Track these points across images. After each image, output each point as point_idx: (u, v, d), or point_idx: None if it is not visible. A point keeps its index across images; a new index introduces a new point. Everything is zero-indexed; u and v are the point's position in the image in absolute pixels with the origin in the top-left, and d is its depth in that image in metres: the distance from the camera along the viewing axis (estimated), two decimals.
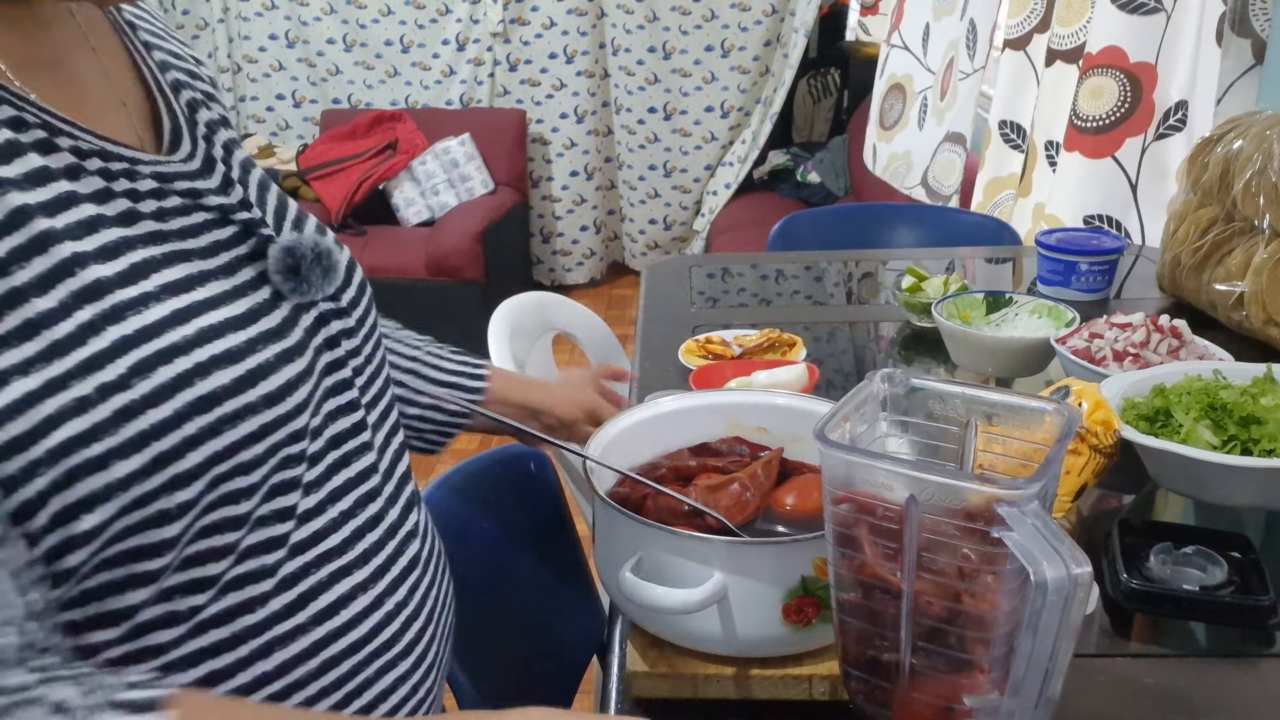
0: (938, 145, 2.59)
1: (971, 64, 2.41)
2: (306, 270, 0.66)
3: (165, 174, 0.63)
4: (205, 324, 0.58)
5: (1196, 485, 0.95)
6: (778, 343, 1.37)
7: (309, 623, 0.64)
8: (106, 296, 0.55)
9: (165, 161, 0.63)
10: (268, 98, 4.41)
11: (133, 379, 0.54)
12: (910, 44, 2.81)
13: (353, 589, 0.67)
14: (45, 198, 0.54)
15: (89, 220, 0.56)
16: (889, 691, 0.67)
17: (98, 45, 0.65)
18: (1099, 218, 1.99)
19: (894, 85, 2.90)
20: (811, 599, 0.71)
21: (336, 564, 0.66)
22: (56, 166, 0.56)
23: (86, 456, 0.52)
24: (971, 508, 0.59)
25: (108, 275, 0.55)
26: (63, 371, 0.52)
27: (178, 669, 0.59)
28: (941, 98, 2.59)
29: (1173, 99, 1.89)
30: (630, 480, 0.82)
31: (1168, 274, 1.52)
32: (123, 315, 0.55)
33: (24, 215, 0.53)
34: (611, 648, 0.84)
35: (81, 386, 0.52)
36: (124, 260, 0.57)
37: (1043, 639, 0.57)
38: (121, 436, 0.53)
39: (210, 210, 0.64)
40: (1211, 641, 0.83)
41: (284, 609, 0.63)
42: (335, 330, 0.69)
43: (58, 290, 0.53)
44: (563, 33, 4.16)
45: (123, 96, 0.65)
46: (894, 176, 2.84)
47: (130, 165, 0.61)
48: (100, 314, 0.54)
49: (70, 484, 0.52)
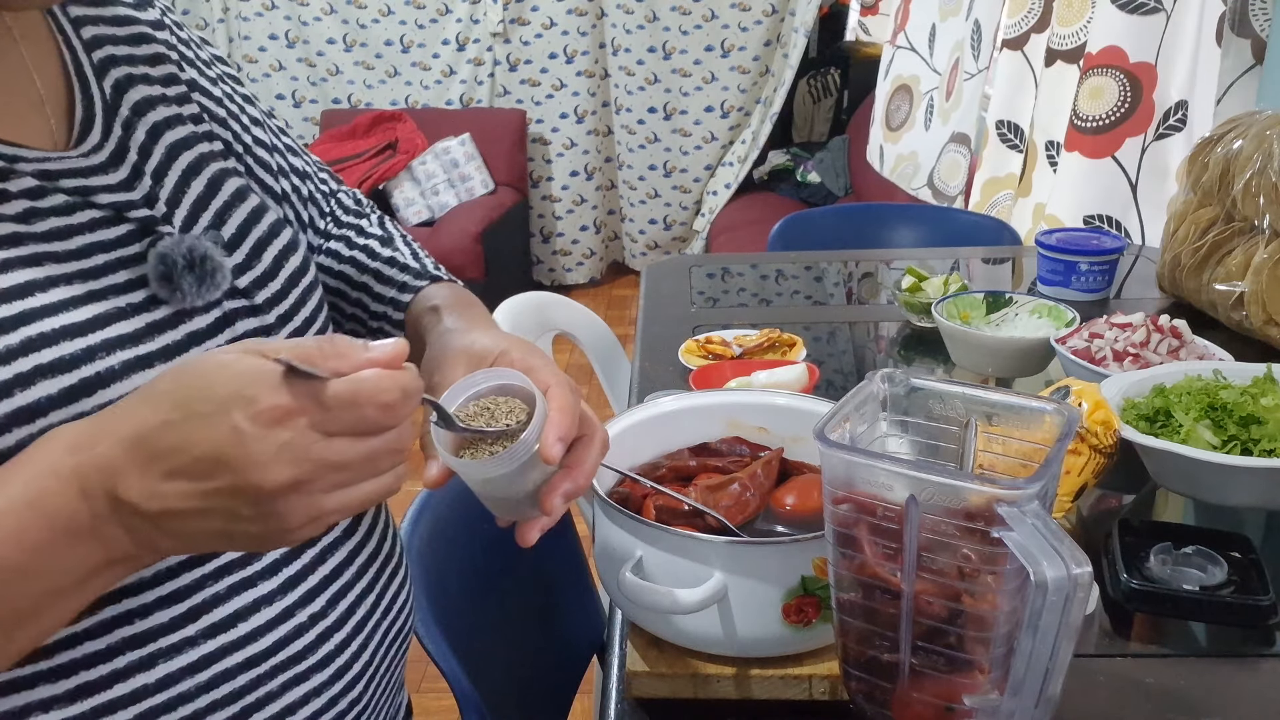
0: (943, 146, 2.59)
1: (976, 64, 2.41)
2: (178, 278, 0.62)
3: (51, 171, 0.60)
4: (33, 332, 0.56)
5: (1196, 485, 0.95)
6: (778, 343, 1.37)
7: (198, 636, 0.62)
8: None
9: (58, 158, 0.61)
10: (268, 98, 4.41)
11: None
12: (916, 45, 2.81)
13: (255, 601, 0.64)
14: None
15: None
16: (889, 691, 0.67)
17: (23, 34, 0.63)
18: (1099, 218, 2.00)
19: (900, 86, 2.90)
20: (811, 599, 0.71)
21: (237, 576, 0.64)
22: None
23: None
24: (971, 508, 0.59)
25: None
26: None
27: (44, 680, 0.58)
28: (947, 98, 2.59)
29: (1173, 99, 1.89)
30: (630, 480, 0.82)
31: (1168, 274, 1.52)
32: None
33: None
34: (611, 648, 0.84)
35: None
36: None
37: (1043, 639, 0.57)
38: None
39: (100, 208, 0.62)
40: (1211, 641, 0.83)
41: (170, 622, 0.61)
42: (242, 331, 0.67)
43: None
44: (563, 33, 4.16)
45: (41, 88, 0.63)
46: (901, 177, 2.84)
47: (8, 164, 0.59)
48: None
49: None
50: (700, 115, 4.25)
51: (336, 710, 0.69)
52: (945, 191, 2.58)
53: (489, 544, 1.16)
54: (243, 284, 0.68)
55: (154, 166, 0.66)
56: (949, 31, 2.60)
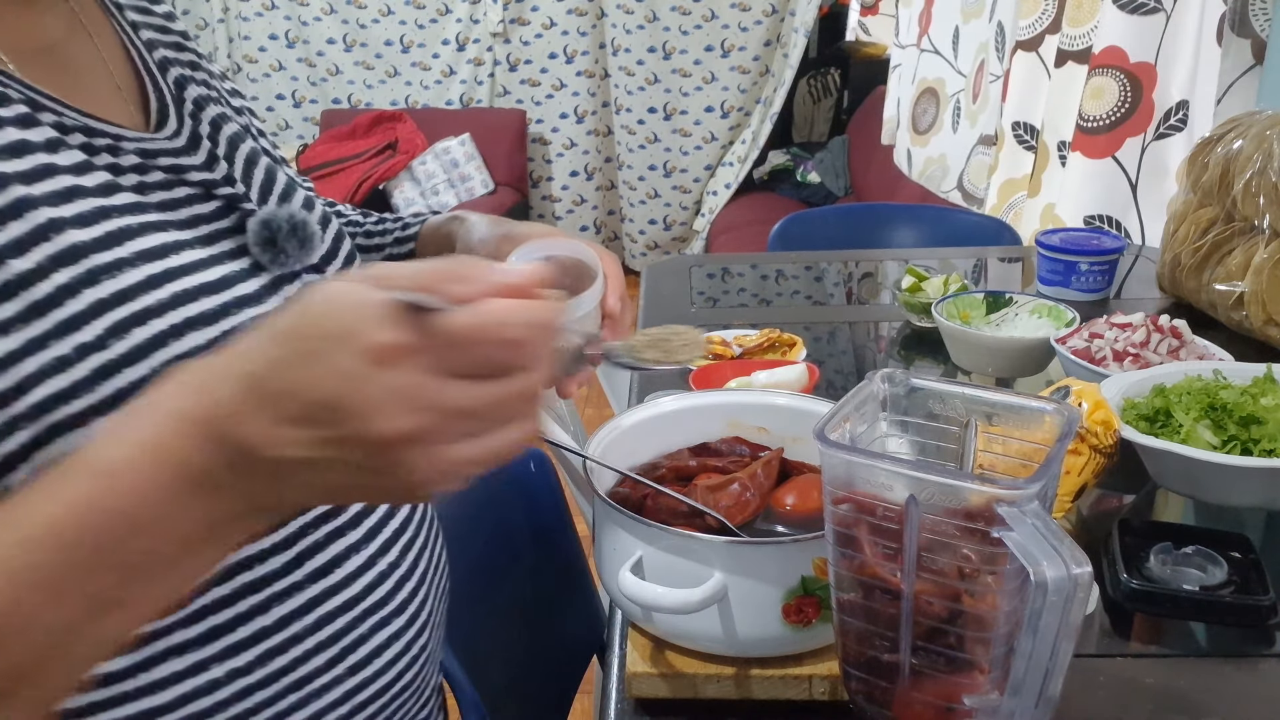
0: (972, 148, 2.59)
1: (1000, 66, 2.41)
2: (283, 242, 0.67)
3: (149, 150, 0.65)
4: (179, 288, 0.60)
5: (1196, 485, 0.95)
6: (778, 343, 1.37)
7: (305, 580, 0.66)
8: (82, 260, 0.56)
9: (150, 139, 0.66)
10: (268, 98, 4.41)
11: (109, 339, 0.56)
12: (940, 47, 2.81)
13: (346, 549, 0.69)
14: (23, 168, 0.56)
15: (66, 190, 0.58)
16: (889, 691, 0.67)
17: (91, 29, 0.68)
18: (1099, 218, 2.00)
19: (926, 89, 2.90)
20: (811, 599, 0.71)
21: (331, 525, 0.68)
22: (36, 140, 0.58)
23: (66, 413, 0.54)
24: (971, 508, 0.59)
25: (84, 240, 0.57)
26: (41, 332, 0.54)
27: (179, 627, 0.61)
28: (974, 100, 2.58)
29: (1173, 99, 1.89)
30: (630, 480, 0.82)
31: (1168, 274, 1.52)
32: (98, 279, 0.57)
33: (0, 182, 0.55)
34: (611, 648, 0.84)
35: (60, 346, 0.54)
36: (100, 227, 0.58)
37: (1043, 639, 0.57)
38: (99, 394, 0.55)
39: (193, 185, 0.67)
40: (1211, 641, 0.83)
41: (281, 567, 0.65)
42: None
43: (34, 253, 0.55)
44: (563, 33, 4.16)
45: (117, 79, 0.68)
46: (930, 180, 2.83)
47: (114, 141, 0.63)
48: (76, 277, 0.56)
49: (51, 439, 0.54)
50: (700, 115, 4.25)
51: (410, 655, 0.74)
52: (974, 194, 2.57)
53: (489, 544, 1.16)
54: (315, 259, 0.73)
55: (224, 153, 0.71)
56: (973, 33, 2.59)
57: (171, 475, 0.45)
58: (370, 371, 0.43)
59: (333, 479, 0.46)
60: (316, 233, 0.71)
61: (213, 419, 0.45)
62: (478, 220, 0.85)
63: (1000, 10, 2.41)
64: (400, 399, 0.43)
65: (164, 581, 0.48)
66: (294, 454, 0.44)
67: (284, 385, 0.44)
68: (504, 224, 0.82)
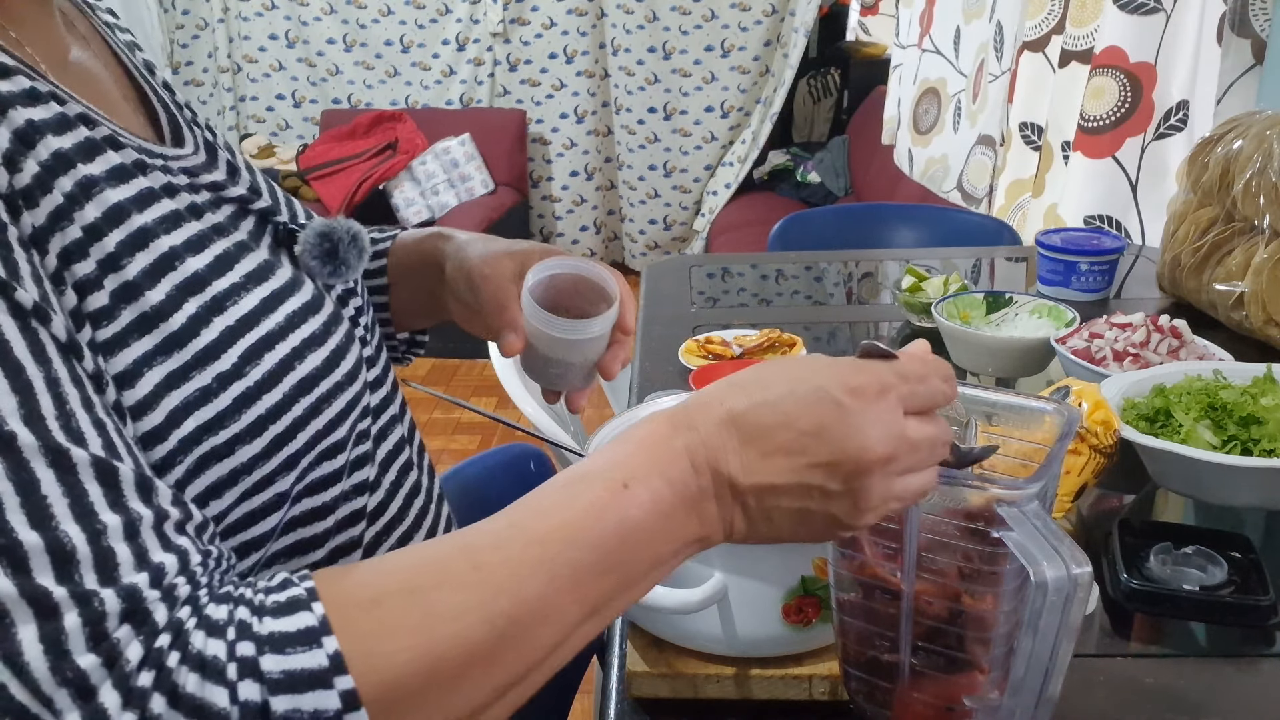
0: (971, 148, 2.59)
1: (1000, 66, 2.41)
2: (344, 253, 0.66)
3: (189, 169, 0.63)
4: (290, 309, 0.60)
5: (1196, 485, 0.95)
6: (778, 343, 1.37)
7: None
8: (207, 289, 0.56)
9: (183, 156, 0.64)
10: (268, 98, 4.41)
11: (245, 367, 0.56)
12: (942, 47, 2.81)
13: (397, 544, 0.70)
14: (131, 194, 0.55)
15: (170, 215, 0.57)
16: (889, 691, 0.67)
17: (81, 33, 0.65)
18: (1099, 218, 2.00)
19: (928, 89, 2.90)
20: (811, 599, 0.71)
21: (400, 530, 0.69)
22: (128, 163, 0.56)
23: (214, 444, 0.54)
24: (971, 508, 0.59)
25: (202, 268, 0.56)
26: (182, 364, 0.54)
27: None
28: (974, 100, 2.58)
29: (1173, 99, 1.89)
30: None
31: (1168, 274, 1.52)
32: (223, 306, 0.56)
33: (122, 211, 0.54)
34: (611, 648, 0.84)
35: (201, 377, 0.54)
36: (209, 253, 0.58)
37: (1043, 639, 0.57)
38: (243, 422, 0.55)
39: (232, 202, 0.65)
40: (1211, 641, 0.83)
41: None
42: (353, 309, 0.71)
43: (163, 284, 0.54)
44: (563, 33, 4.16)
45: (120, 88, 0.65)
46: (932, 181, 2.83)
47: (165, 161, 0.61)
48: (204, 305, 0.55)
49: (201, 471, 0.54)
50: (700, 115, 4.25)
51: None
52: (973, 194, 2.57)
53: None
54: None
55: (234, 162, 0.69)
56: (973, 34, 2.59)
57: (676, 495, 0.50)
58: (860, 405, 0.50)
59: (796, 505, 0.51)
60: (368, 244, 0.70)
61: (699, 450, 0.51)
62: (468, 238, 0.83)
63: (1000, 10, 2.41)
64: (881, 426, 0.50)
65: (638, 591, 0.52)
66: (772, 480, 0.51)
67: (773, 421, 0.50)
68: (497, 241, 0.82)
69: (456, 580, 0.46)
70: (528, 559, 0.47)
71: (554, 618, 0.47)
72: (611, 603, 0.50)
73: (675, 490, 0.50)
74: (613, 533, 0.48)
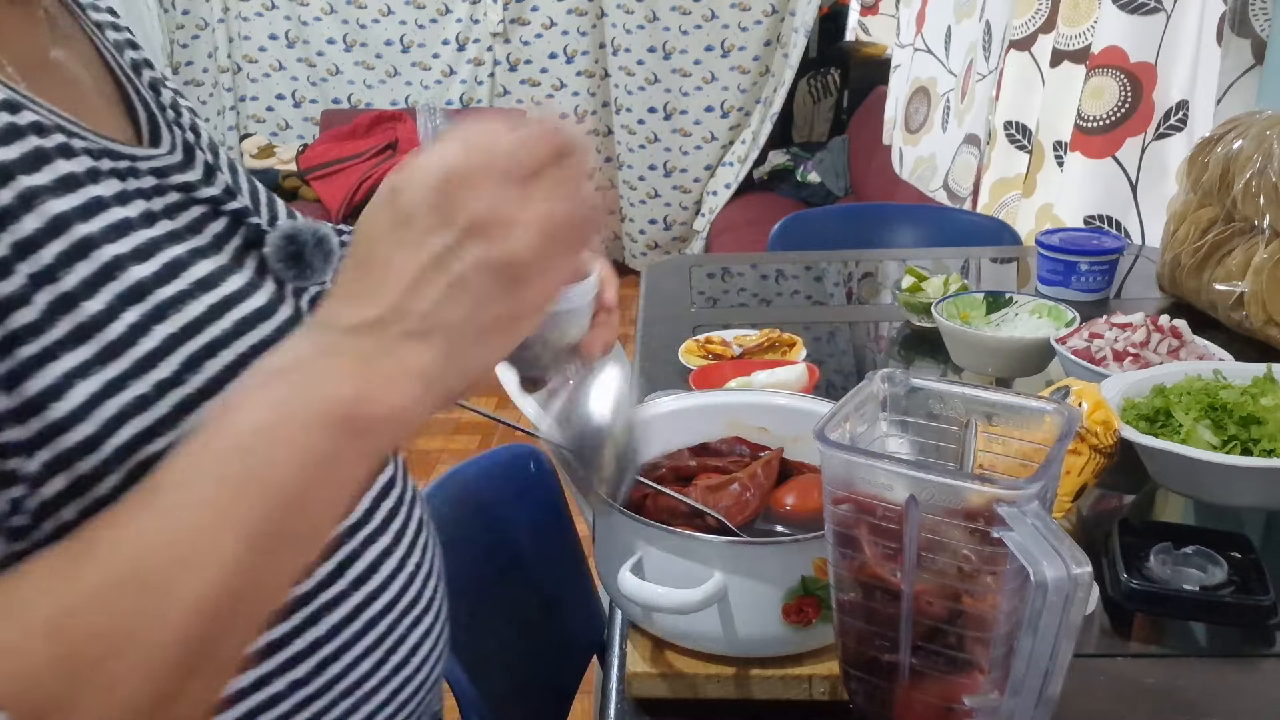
0: (957, 147, 2.59)
1: (988, 65, 2.41)
2: (309, 256, 0.66)
3: (159, 169, 0.63)
4: (238, 316, 0.59)
5: (1196, 485, 0.95)
6: (778, 343, 1.37)
7: (349, 588, 0.67)
8: (148, 297, 0.56)
9: (154, 156, 0.64)
10: (268, 98, 4.41)
11: (185, 374, 0.55)
12: (933, 47, 2.81)
13: (381, 553, 0.69)
14: (77, 203, 0.55)
15: (119, 223, 0.57)
16: (889, 691, 0.67)
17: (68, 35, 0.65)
18: (1099, 218, 2.00)
19: (919, 88, 2.90)
20: (811, 599, 0.71)
21: (364, 532, 0.68)
22: (80, 171, 0.56)
23: (150, 452, 0.54)
24: (971, 508, 0.59)
25: (146, 275, 0.56)
26: (120, 372, 0.53)
27: None
28: (962, 99, 2.59)
29: (1173, 99, 1.89)
30: None
31: (1168, 274, 1.52)
32: (165, 314, 0.56)
33: (64, 222, 0.53)
34: (611, 648, 0.84)
35: (139, 385, 0.54)
36: (157, 260, 0.57)
37: (1043, 639, 0.57)
38: (181, 429, 0.55)
39: (203, 203, 0.65)
40: (1211, 641, 0.83)
41: (326, 577, 0.65)
42: None
43: (103, 293, 0.54)
44: (563, 33, 4.16)
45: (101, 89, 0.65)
46: (920, 180, 2.84)
47: (131, 164, 0.61)
48: (145, 314, 0.55)
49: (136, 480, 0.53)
50: (700, 115, 4.25)
51: (439, 650, 0.76)
52: (958, 193, 2.58)
53: (489, 544, 1.16)
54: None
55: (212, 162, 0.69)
56: (964, 33, 2.60)
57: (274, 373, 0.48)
58: (399, 173, 0.47)
59: (434, 276, 0.46)
60: (337, 247, 0.70)
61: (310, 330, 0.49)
62: None
63: (990, 9, 2.41)
64: (431, 159, 0.46)
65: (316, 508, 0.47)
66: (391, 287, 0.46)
67: (354, 255, 0.47)
68: None
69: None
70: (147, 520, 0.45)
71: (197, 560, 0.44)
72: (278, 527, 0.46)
73: (275, 369, 0.48)
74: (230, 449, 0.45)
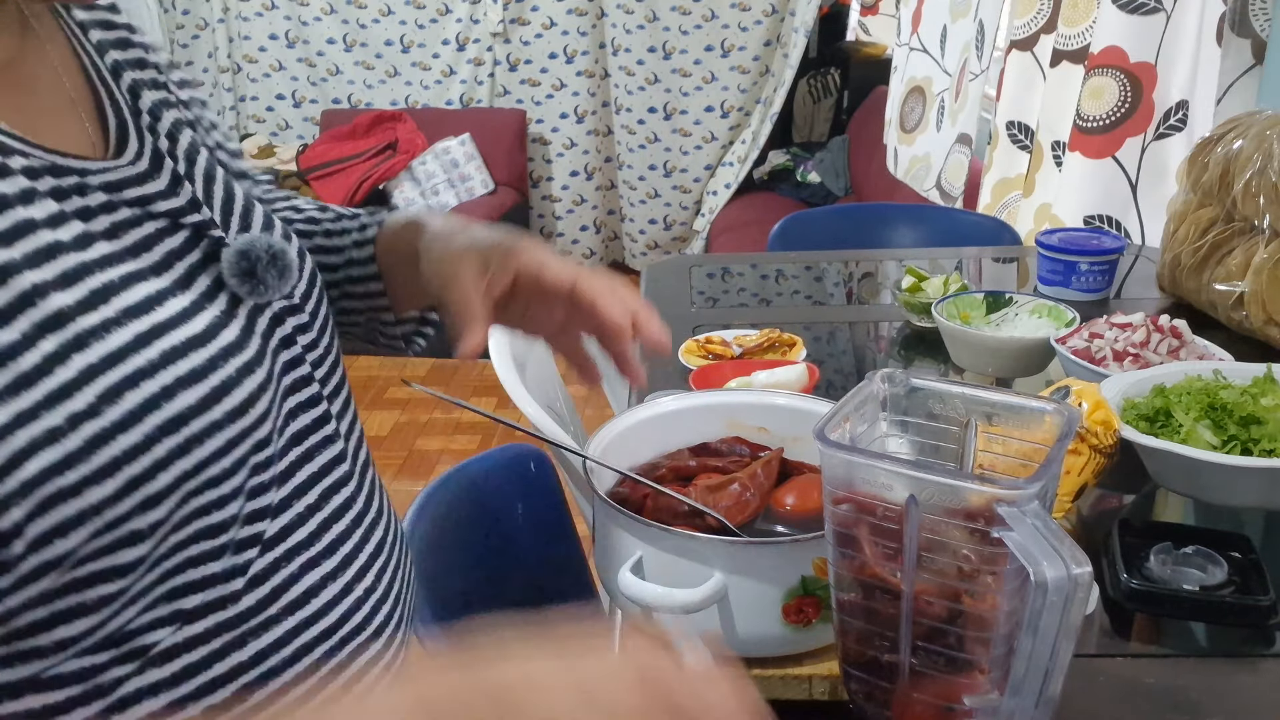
0: (950, 147, 2.60)
1: (980, 65, 2.41)
2: (262, 273, 0.65)
3: (114, 183, 0.61)
4: (167, 345, 0.57)
5: (1196, 485, 0.95)
6: (778, 343, 1.37)
7: (280, 614, 0.65)
8: (69, 325, 0.54)
9: (113, 167, 0.61)
10: (268, 98, 4.41)
11: (102, 406, 0.53)
12: (929, 46, 2.81)
13: (322, 579, 0.67)
14: (3, 227, 0.53)
15: (47, 248, 0.55)
16: (889, 691, 0.67)
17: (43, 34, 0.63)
18: (1099, 218, 2.00)
19: (914, 88, 2.91)
20: (811, 599, 0.71)
21: (305, 556, 0.66)
22: (11, 192, 0.54)
23: (60, 485, 0.52)
24: (971, 508, 0.59)
25: (69, 304, 0.54)
26: (32, 403, 0.51)
27: (151, 666, 0.60)
28: (956, 99, 2.59)
29: (1173, 99, 1.89)
30: (630, 480, 0.82)
31: (1168, 274, 1.52)
32: (86, 343, 0.54)
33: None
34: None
35: (51, 417, 0.52)
36: (83, 286, 0.55)
37: (1043, 639, 0.57)
38: (94, 464, 0.53)
39: (159, 218, 0.63)
40: (1211, 641, 0.83)
41: (256, 604, 0.63)
42: (290, 328, 0.68)
43: (19, 322, 0.52)
44: (563, 33, 4.16)
45: (72, 92, 0.63)
46: (915, 179, 2.84)
47: (80, 179, 0.59)
48: (64, 343, 0.53)
49: (45, 512, 0.52)
50: (700, 115, 4.25)
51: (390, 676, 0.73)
52: (950, 192, 2.58)
53: (489, 545, 1.16)
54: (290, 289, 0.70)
55: (184, 171, 0.67)
56: (959, 33, 2.60)
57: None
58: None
59: None
60: (294, 261, 0.68)
61: None
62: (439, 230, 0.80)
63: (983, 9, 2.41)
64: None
65: None
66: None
67: None
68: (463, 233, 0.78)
69: None
70: None
71: None
72: None
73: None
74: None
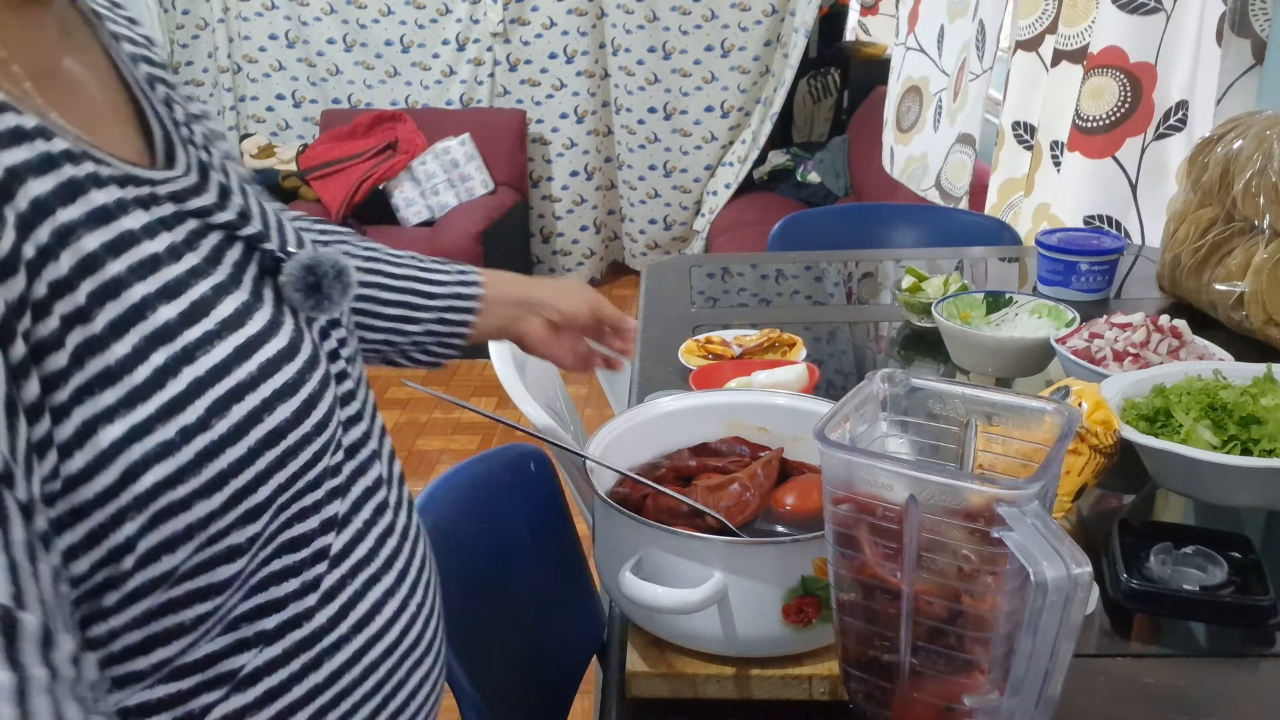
0: (950, 147, 2.59)
1: (981, 65, 2.41)
2: (328, 288, 0.64)
3: (178, 193, 0.60)
4: (264, 358, 0.58)
5: (1196, 485, 0.95)
6: (778, 343, 1.37)
7: (350, 632, 0.65)
8: (177, 338, 0.54)
9: (174, 178, 0.60)
10: (268, 98, 4.41)
11: (211, 419, 0.54)
12: (926, 46, 2.81)
13: (383, 595, 0.68)
14: (108, 238, 0.53)
15: (150, 260, 0.55)
16: (889, 691, 0.67)
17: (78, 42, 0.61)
18: (1099, 218, 2.00)
19: (911, 87, 2.91)
20: (811, 599, 0.71)
21: (368, 572, 0.67)
22: (109, 202, 0.54)
23: (171, 499, 0.52)
24: (971, 508, 0.59)
25: (173, 317, 0.54)
26: (145, 417, 0.51)
27: (235, 692, 0.60)
28: (954, 99, 2.59)
29: (1173, 99, 1.89)
30: (630, 480, 0.82)
31: (1168, 274, 1.52)
32: (193, 356, 0.54)
33: (97, 260, 0.52)
34: (611, 648, 0.84)
35: (164, 431, 0.52)
36: (184, 299, 0.55)
37: (1043, 639, 0.57)
38: (204, 477, 0.53)
39: (218, 229, 0.62)
40: (1211, 641, 0.83)
41: (328, 621, 0.64)
42: (335, 341, 0.69)
43: (131, 335, 0.52)
44: (563, 33, 4.16)
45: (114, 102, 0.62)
46: (911, 179, 2.84)
47: (152, 189, 0.58)
48: (173, 356, 0.53)
49: (155, 526, 0.52)
50: (700, 115, 4.25)
51: (435, 692, 0.75)
52: (951, 192, 2.58)
53: (489, 545, 1.16)
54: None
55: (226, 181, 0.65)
56: (957, 33, 2.60)
57: None
58: None
59: None
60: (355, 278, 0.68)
61: None
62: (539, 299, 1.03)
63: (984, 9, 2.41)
64: None
65: None
66: None
67: None
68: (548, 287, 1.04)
69: None
70: None
71: None
72: None
73: None
74: None
